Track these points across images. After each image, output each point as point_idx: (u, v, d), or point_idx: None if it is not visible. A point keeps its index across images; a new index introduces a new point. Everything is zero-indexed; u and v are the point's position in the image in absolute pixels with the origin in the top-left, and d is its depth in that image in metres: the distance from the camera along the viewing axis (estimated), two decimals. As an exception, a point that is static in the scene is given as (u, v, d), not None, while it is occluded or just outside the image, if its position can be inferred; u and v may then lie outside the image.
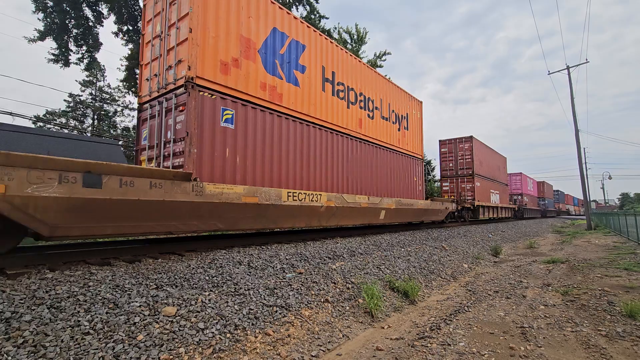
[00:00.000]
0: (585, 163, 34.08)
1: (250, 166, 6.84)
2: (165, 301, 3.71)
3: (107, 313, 3.29)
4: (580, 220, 35.51)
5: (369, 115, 10.87)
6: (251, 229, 7.40)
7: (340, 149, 9.45)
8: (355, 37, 23.99)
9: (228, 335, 3.54)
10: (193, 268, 4.86)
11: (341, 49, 9.90)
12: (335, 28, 22.36)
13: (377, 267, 6.79)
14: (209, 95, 6.16)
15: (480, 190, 19.99)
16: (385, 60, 23.36)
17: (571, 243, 14.98)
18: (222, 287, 4.41)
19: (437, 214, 14.70)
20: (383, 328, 4.70)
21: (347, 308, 4.96)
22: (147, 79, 6.89)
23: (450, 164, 20.41)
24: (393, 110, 12.41)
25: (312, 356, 3.66)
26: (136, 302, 3.57)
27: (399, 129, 12.66)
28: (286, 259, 6.04)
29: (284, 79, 7.78)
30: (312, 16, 17.98)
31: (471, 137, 19.82)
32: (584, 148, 42.48)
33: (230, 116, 6.50)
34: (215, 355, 3.24)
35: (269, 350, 3.57)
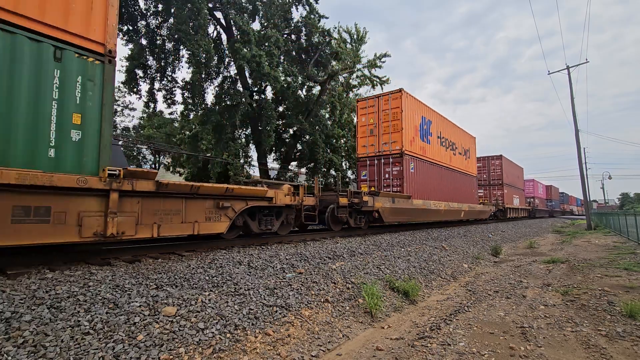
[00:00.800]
0: (585, 163, 34.29)
1: (420, 189, 13.40)
2: (165, 301, 3.71)
3: (107, 313, 3.29)
4: (581, 220, 35.50)
5: (453, 153, 17.40)
6: (422, 220, 14.19)
7: (445, 176, 16.07)
8: (355, 36, 23.98)
9: (228, 335, 3.54)
10: (193, 268, 4.86)
11: (442, 115, 16.40)
12: (335, 27, 22.36)
13: (377, 267, 6.79)
14: (407, 157, 12.73)
15: (507, 196, 26.55)
16: (384, 62, 23.35)
17: (571, 243, 14.98)
18: (222, 287, 4.41)
19: (486, 214, 21.33)
20: (383, 328, 4.70)
21: (347, 308, 4.96)
22: (364, 146, 13.80)
23: (484, 175, 26.66)
24: (462, 147, 18.81)
25: (312, 356, 3.66)
26: (136, 302, 3.57)
27: (465, 159, 19.04)
28: (286, 259, 6.04)
29: (425, 141, 14.37)
30: (312, 16, 17.96)
31: (501, 155, 26.58)
32: (584, 148, 42.81)
33: (412, 165, 13.07)
34: (215, 355, 3.24)
35: (269, 350, 3.57)
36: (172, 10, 14.50)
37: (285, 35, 17.97)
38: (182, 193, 5.47)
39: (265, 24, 17.12)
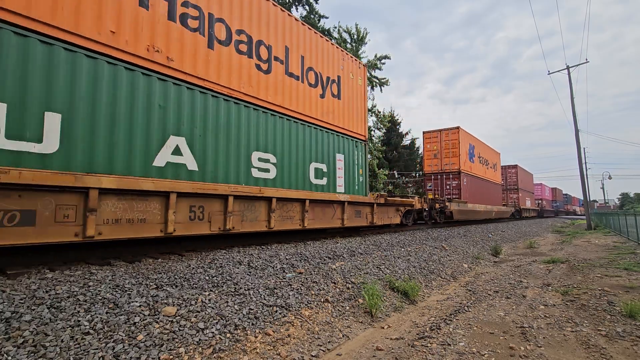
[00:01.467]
0: (585, 163, 34.65)
1: (470, 196, 18.42)
2: (165, 301, 3.71)
3: (107, 313, 3.29)
4: (581, 220, 35.53)
5: (487, 168, 22.83)
6: (473, 218, 19.25)
7: (482, 185, 21.33)
8: (355, 37, 23.95)
9: (228, 335, 3.54)
10: (193, 268, 4.86)
11: (480, 140, 21.79)
12: (335, 27, 22.31)
13: (377, 267, 6.79)
14: (462, 174, 18.00)
15: (522, 199, 32.00)
16: (384, 63, 23.41)
17: (571, 243, 14.98)
18: (222, 287, 4.41)
19: (508, 214, 27.46)
20: (383, 328, 4.70)
21: (347, 308, 4.96)
22: (430, 165, 19.12)
23: (502, 182, 30.53)
24: (492, 162, 24.46)
25: (312, 356, 3.66)
26: (136, 302, 3.57)
27: (494, 171, 24.74)
28: (286, 258, 6.04)
29: (471, 161, 19.62)
30: (312, 16, 17.97)
31: (516, 165, 31.86)
32: (584, 148, 43.31)
33: (465, 180, 18.16)
34: (215, 355, 3.25)
35: (269, 350, 3.57)
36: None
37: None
38: (387, 204, 11.08)
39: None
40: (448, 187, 18.18)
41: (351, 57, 10.21)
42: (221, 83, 6.26)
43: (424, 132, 19.68)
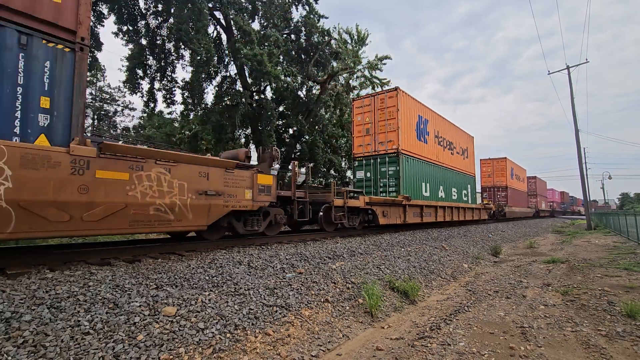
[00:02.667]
0: (585, 163, 34.81)
1: (512, 202, 29.16)
2: (165, 301, 3.71)
3: (107, 313, 3.29)
4: (581, 220, 35.54)
5: (519, 181, 32.30)
6: (513, 217, 29.36)
7: (517, 194, 31.16)
8: (356, 37, 23.93)
9: (228, 335, 3.54)
10: (193, 268, 4.86)
11: (517, 164, 32.42)
12: (335, 28, 22.32)
13: (377, 267, 6.79)
14: (509, 187, 30.23)
15: (539, 202, 39.83)
16: (385, 64, 23.38)
17: (571, 243, 14.98)
18: (222, 287, 4.41)
19: (531, 214, 35.35)
20: (383, 328, 4.70)
21: (347, 308, 4.96)
22: (485, 182, 31.86)
23: (526, 190, 38.96)
24: (522, 177, 33.13)
25: (312, 356, 3.66)
26: (136, 302, 3.57)
27: (523, 183, 33.15)
28: (286, 258, 6.04)
29: (511, 179, 30.69)
30: (312, 16, 17.94)
31: (535, 176, 39.51)
32: (584, 148, 43.74)
33: (510, 191, 30.08)
34: (215, 355, 3.24)
35: (269, 350, 3.57)
36: (172, 11, 14.48)
37: (284, 35, 17.94)
38: (484, 208, 20.24)
39: (265, 24, 17.10)
40: (498, 196, 28.04)
41: (468, 133, 19.31)
42: (445, 162, 15.57)
43: (481, 160, 29.81)
